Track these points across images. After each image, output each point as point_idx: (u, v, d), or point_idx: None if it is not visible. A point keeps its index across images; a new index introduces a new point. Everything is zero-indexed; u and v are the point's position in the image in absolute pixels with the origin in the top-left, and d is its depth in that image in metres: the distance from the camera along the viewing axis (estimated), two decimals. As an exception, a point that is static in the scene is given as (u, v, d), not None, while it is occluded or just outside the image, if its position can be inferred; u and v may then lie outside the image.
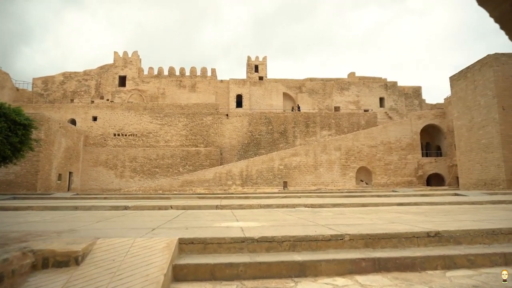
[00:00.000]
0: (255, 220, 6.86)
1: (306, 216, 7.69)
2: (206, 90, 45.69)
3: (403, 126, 36.40)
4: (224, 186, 32.93)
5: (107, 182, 35.74)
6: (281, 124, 38.93)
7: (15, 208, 10.66)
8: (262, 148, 38.23)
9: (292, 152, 34.62)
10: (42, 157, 28.72)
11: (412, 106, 48.18)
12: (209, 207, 10.95)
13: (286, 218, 7.42)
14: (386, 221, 6.42)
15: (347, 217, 7.34)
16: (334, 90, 47.53)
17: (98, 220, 7.09)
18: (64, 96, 43.31)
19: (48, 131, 29.63)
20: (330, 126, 39.75)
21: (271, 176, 33.90)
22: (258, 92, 46.40)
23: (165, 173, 35.90)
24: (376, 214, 8.11)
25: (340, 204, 11.43)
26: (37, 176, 28.24)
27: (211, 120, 38.54)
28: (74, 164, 34.45)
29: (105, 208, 10.64)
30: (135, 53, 45.20)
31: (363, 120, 40.61)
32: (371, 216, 7.48)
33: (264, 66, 48.89)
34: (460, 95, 28.41)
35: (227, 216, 7.99)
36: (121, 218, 7.40)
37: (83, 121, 37.34)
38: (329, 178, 34.65)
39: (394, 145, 35.73)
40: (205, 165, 36.30)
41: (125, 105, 38.67)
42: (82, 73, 44.45)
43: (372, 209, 9.89)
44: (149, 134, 37.77)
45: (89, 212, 9.34)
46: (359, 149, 35.39)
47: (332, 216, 7.77)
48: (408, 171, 35.24)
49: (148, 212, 9.31)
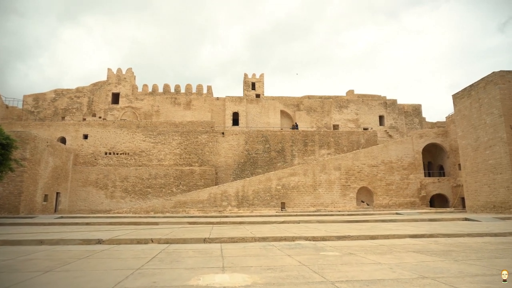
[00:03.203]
0: (245, 269, 5.48)
1: (308, 260, 6.31)
2: (202, 108, 44.61)
3: (404, 145, 35.25)
4: (219, 207, 31.38)
5: (97, 203, 34.09)
6: (279, 143, 37.71)
7: (-30, 242, 9.21)
8: (259, 168, 36.86)
9: (290, 172, 33.26)
10: (27, 177, 27.20)
11: (412, 124, 47.22)
12: (196, 241, 9.53)
13: (285, 264, 6.03)
14: (411, 272, 5.06)
15: (360, 263, 5.96)
16: (332, 108, 46.60)
17: (50, 267, 5.69)
18: (55, 114, 42.07)
19: (34, 150, 28.21)
20: (329, 145, 38.56)
21: (268, 197, 32.41)
22: (255, 110, 45.38)
23: (158, 193, 34.35)
24: (392, 255, 6.74)
25: (346, 237, 10.03)
26: (20, 198, 26.63)
27: (206, 139, 37.29)
28: (62, 184, 32.87)
29: (75, 242, 9.20)
30: (129, 70, 44.28)
31: (363, 138, 39.47)
32: (389, 261, 6.10)
33: (261, 84, 48.08)
34: (464, 113, 27.37)
35: (213, 259, 6.60)
36: (80, 265, 5.98)
37: (73, 139, 35.98)
38: (328, 199, 33.19)
39: (396, 164, 34.48)
40: (199, 185, 34.81)
41: (117, 122, 37.42)
42: (75, 90, 43.35)
43: (384, 245, 8.50)
44: (141, 153, 36.40)
45: (51, 250, 7.90)
46: (359, 169, 34.09)
47: (340, 259, 6.39)
48: (410, 192, 33.87)
49: (122, 251, 7.88)
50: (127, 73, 44.21)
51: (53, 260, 6.46)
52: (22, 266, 5.92)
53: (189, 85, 45.35)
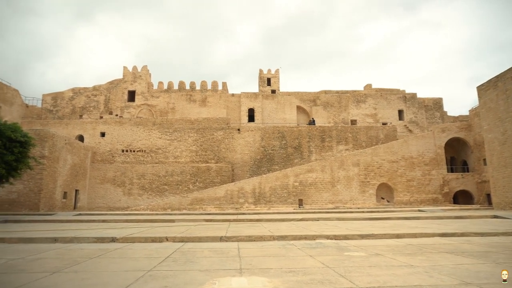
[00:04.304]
0: (264, 271, 5.04)
1: (332, 262, 5.82)
2: (217, 104, 44.36)
3: (425, 139, 34.10)
4: (236, 205, 31.09)
5: (115, 200, 34.32)
6: (295, 139, 37.10)
7: (-16, 240, 9.11)
8: (275, 164, 36.37)
9: (308, 168, 32.64)
10: (46, 174, 27.52)
11: (433, 118, 45.75)
12: (212, 239, 9.16)
13: (306, 265, 5.57)
14: (450, 277, 4.52)
15: (390, 265, 5.44)
16: (350, 102, 45.60)
17: (58, 268, 5.39)
18: (73, 112, 42.59)
19: (53, 147, 28.51)
20: (347, 141, 37.71)
21: (286, 194, 31.91)
22: (270, 106, 44.84)
23: (175, 191, 34.32)
24: (424, 257, 6.18)
25: (370, 236, 9.47)
26: (40, 195, 26.97)
27: (222, 135, 37.01)
28: (80, 182, 33.22)
29: (88, 240, 8.97)
30: (145, 67, 44.40)
31: (382, 133, 38.44)
32: (421, 263, 5.56)
33: (277, 79, 47.46)
34: (490, 106, 26.14)
35: (229, 259, 6.19)
36: (89, 265, 5.67)
37: (91, 137, 36.31)
38: (347, 196, 32.44)
39: (417, 160, 33.40)
40: (216, 182, 34.60)
41: (133, 120, 37.57)
42: (91, 88, 43.79)
43: (412, 245, 7.92)
44: (158, 150, 36.43)
45: (64, 249, 7.66)
46: (379, 165, 33.19)
47: (367, 261, 5.88)
48: (432, 188, 32.76)
49: (135, 249, 7.58)
50: (143, 70, 44.34)
51: (63, 260, 6.19)
52: (29, 266, 5.66)
53: (204, 81, 45.15)
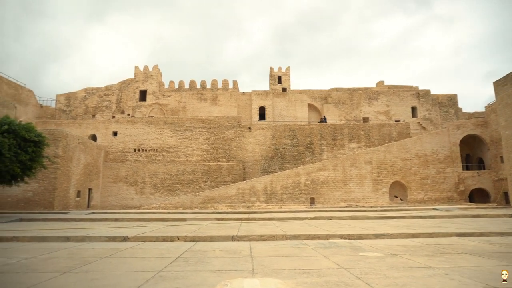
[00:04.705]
0: (277, 272, 4.90)
1: (347, 262, 5.65)
2: (228, 103, 44.33)
3: (440, 137, 33.44)
4: (248, 203, 31.01)
5: (127, 199, 34.60)
6: (307, 137, 36.81)
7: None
8: (287, 162, 36.16)
9: (319, 166, 32.35)
10: (60, 174, 27.87)
11: (447, 115, 44.86)
12: (224, 238, 9.06)
13: (320, 266, 5.41)
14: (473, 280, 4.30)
15: (408, 267, 5.23)
16: (362, 100, 45.04)
17: (69, 268, 5.34)
18: (86, 112, 43.09)
19: (66, 147, 28.86)
20: (359, 138, 37.25)
21: (297, 192, 31.70)
22: (281, 104, 44.60)
23: (186, 189, 34.42)
24: (443, 258, 5.96)
25: (385, 235, 9.25)
26: (54, 194, 27.32)
27: (233, 134, 36.96)
28: (94, 181, 33.57)
29: (100, 239, 8.97)
30: (156, 67, 44.63)
31: (394, 131, 37.86)
32: (440, 264, 5.34)
33: (288, 77, 47.18)
34: (507, 102, 25.47)
35: (241, 259, 6.07)
36: (100, 265, 5.61)
37: (104, 136, 36.66)
38: (360, 194, 32.05)
39: (431, 157, 32.78)
40: (227, 180, 34.58)
41: (145, 119, 37.80)
42: (104, 88, 44.23)
43: (429, 245, 7.68)
44: (169, 149, 36.58)
45: (75, 248, 7.65)
46: (392, 163, 32.69)
47: (384, 262, 5.68)
48: (447, 186, 32.11)
49: (145, 249, 7.52)
50: (154, 70, 44.57)
51: (74, 259, 6.15)
52: (41, 265, 5.63)
53: (215, 80, 45.16)
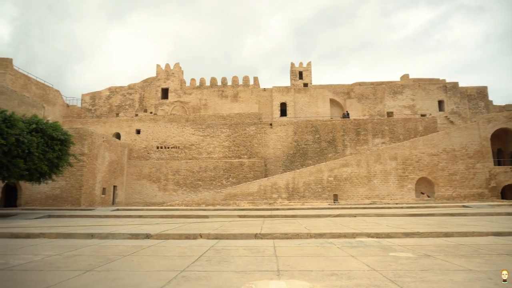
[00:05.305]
0: (304, 274, 4.66)
1: (378, 264, 5.33)
2: (249, 100, 44.18)
3: (469, 131, 32.11)
4: (269, 200, 30.83)
5: (151, 196, 35.12)
6: (329, 133, 36.19)
7: (27, 235, 9.37)
8: (309, 159, 35.70)
9: (342, 163, 31.73)
10: (86, 171, 28.51)
11: (477, 108, 43.10)
12: (247, 236, 8.88)
13: (350, 267, 5.12)
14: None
15: (445, 269, 4.88)
16: (386, 94, 43.89)
17: (91, 266, 5.28)
18: (110, 111, 43.97)
19: (92, 145, 29.48)
20: (384, 134, 36.30)
21: (320, 189, 31.23)
22: (303, 100, 44.06)
23: (208, 186, 34.58)
24: (483, 260, 5.54)
25: (415, 234, 8.82)
26: (81, 191, 28.00)
27: (254, 130, 36.79)
28: (118, 178, 34.22)
29: (123, 236, 8.98)
30: (177, 65, 44.97)
31: (420, 126, 36.67)
32: (481, 267, 4.95)
33: (309, 72, 46.54)
34: (543, 93, 24.08)
35: (266, 259, 5.85)
36: (122, 264, 5.53)
37: (127, 134, 37.28)
38: (384, 191, 31.25)
39: (460, 152, 31.55)
40: (248, 177, 34.49)
41: (167, 117, 38.17)
42: (127, 87, 44.98)
43: (464, 245, 7.23)
44: (191, 146, 36.82)
45: (99, 245, 7.65)
46: (418, 158, 31.67)
47: (417, 264, 5.33)
48: (477, 182, 30.83)
49: (168, 247, 7.43)
50: (175, 68, 44.93)
51: (97, 257, 6.11)
52: (64, 263, 5.61)
53: (236, 77, 45.09)
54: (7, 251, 7.04)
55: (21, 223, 13.35)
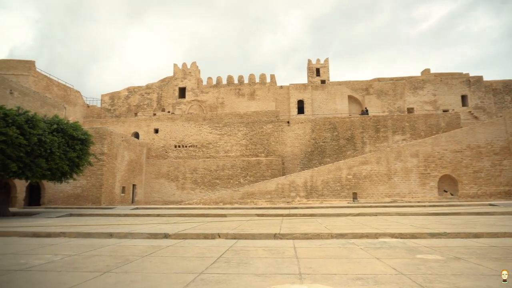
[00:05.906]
0: (327, 278, 4.44)
1: (405, 267, 5.05)
2: (266, 97, 43.94)
3: (495, 126, 30.96)
4: (287, 198, 30.56)
5: (169, 194, 35.41)
6: (348, 130, 35.59)
7: (47, 234, 9.48)
8: (327, 157, 35.22)
9: (362, 160, 31.14)
10: (106, 170, 28.94)
11: (503, 103, 41.55)
12: (266, 236, 8.70)
13: (375, 270, 4.87)
14: None
15: (480, 274, 4.56)
16: (406, 90, 42.84)
17: (109, 267, 5.21)
18: (128, 110, 44.56)
19: (111, 144, 29.90)
20: (404, 130, 35.45)
21: (339, 187, 30.75)
22: (320, 97, 43.50)
23: (226, 185, 34.60)
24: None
25: (441, 234, 8.43)
26: (101, 190, 28.45)
27: (272, 128, 36.55)
28: (137, 177, 34.64)
29: (142, 236, 8.95)
30: (194, 64, 45.16)
31: (443, 122, 35.62)
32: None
33: (326, 69, 45.93)
34: None
35: (286, 261, 5.65)
36: (140, 265, 5.44)
37: (146, 133, 37.68)
38: (405, 189, 30.50)
39: (485, 149, 30.46)
40: (266, 175, 34.31)
41: (184, 116, 38.37)
42: (145, 87, 45.49)
43: (497, 246, 6.83)
44: (208, 145, 36.90)
45: (117, 245, 7.62)
46: (440, 155, 30.75)
47: (448, 267, 5.02)
48: (504, 180, 29.70)
49: (186, 247, 7.33)
50: (192, 67, 45.12)
51: (115, 258, 6.05)
52: (83, 263, 5.56)
53: (252, 75, 44.92)
54: (28, 251, 7.10)
55: (43, 221, 13.58)
